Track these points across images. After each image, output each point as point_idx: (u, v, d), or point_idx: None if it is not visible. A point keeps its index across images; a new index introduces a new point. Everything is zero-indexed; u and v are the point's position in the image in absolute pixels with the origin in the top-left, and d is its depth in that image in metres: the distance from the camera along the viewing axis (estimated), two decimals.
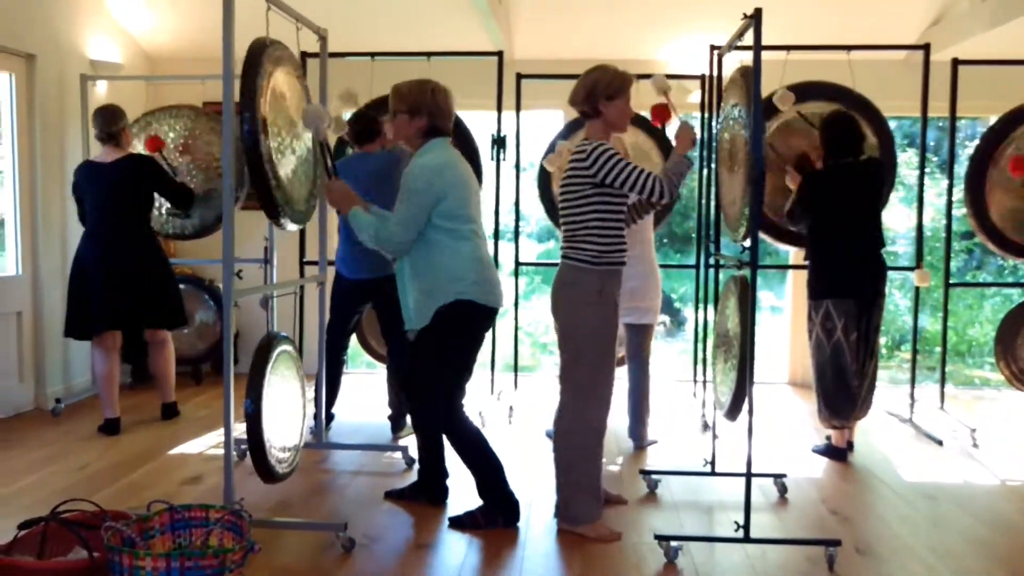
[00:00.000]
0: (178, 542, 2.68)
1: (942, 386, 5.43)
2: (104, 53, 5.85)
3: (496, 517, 3.42)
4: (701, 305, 5.34)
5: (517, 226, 5.60)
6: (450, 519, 3.46)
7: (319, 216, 4.20)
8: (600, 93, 3.24)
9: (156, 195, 4.82)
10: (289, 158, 3.50)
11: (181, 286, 6.07)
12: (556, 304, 3.37)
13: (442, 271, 3.29)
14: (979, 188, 5.21)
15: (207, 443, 4.60)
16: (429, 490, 3.69)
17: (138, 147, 5.18)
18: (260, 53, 3.27)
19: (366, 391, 5.94)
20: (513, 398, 5.52)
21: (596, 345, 3.30)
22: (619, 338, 3.52)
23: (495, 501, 3.44)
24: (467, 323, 3.35)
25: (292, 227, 3.63)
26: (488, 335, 5.42)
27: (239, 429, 3.73)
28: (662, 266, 4.81)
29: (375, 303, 4.59)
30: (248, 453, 3.37)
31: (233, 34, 2.99)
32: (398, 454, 4.33)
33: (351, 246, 4.43)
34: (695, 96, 5.92)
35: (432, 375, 3.42)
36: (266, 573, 2.95)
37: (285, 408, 3.58)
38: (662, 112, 3.79)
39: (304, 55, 5.20)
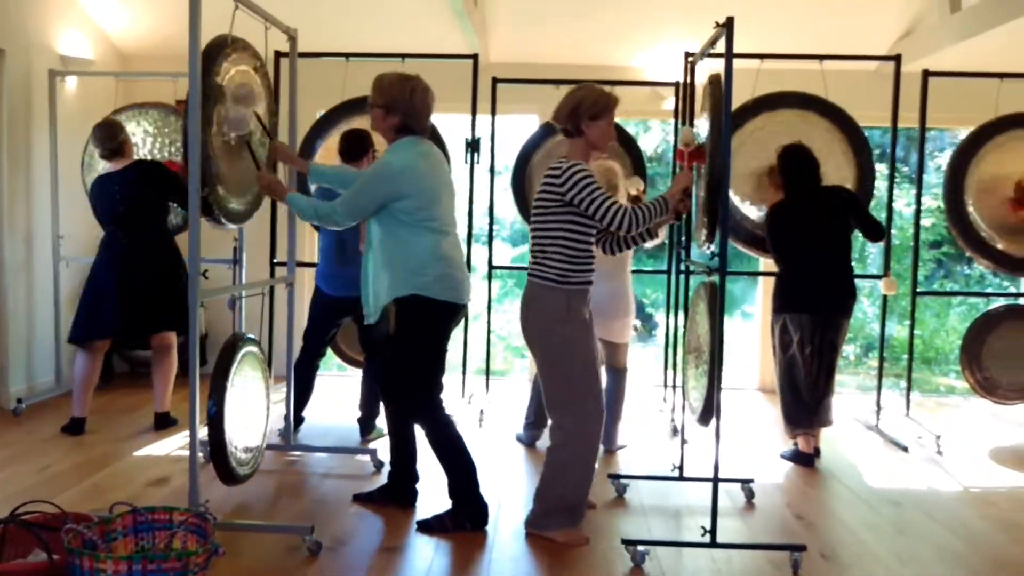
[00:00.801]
0: (141, 545, 2.64)
1: (908, 393, 5.49)
2: (74, 48, 5.78)
3: (464, 521, 3.41)
4: (672, 311, 5.37)
5: (491, 229, 5.61)
6: (418, 523, 3.44)
7: (288, 218, 4.18)
8: (584, 113, 3.23)
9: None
10: (231, 158, 3.50)
11: None
12: (526, 324, 3.34)
13: (402, 264, 3.31)
14: (959, 198, 5.28)
15: (174, 444, 4.55)
16: (398, 493, 3.68)
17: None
18: (217, 53, 3.26)
19: (336, 394, 5.90)
20: (484, 401, 5.51)
21: (574, 359, 3.27)
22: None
23: (465, 504, 3.43)
24: (428, 319, 3.35)
25: (231, 226, 3.64)
26: (460, 338, 5.45)
27: (206, 430, 3.69)
28: (636, 271, 4.82)
29: (354, 317, 4.60)
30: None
31: (200, 32, 2.98)
32: (367, 457, 4.30)
33: (332, 264, 4.43)
34: (669, 103, 5.96)
35: (402, 373, 3.42)
36: (232, 575, 2.92)
37: (248, 410, 3.55)
38: (696, 156, 3.72)
39: (277, 55, 5.19)
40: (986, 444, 5.05)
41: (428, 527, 3.40)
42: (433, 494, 3.75)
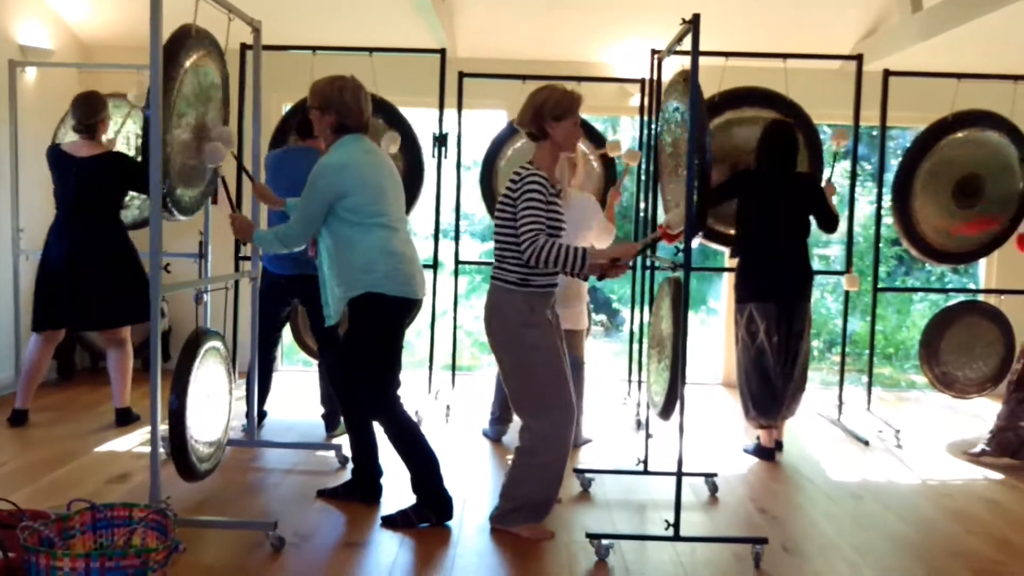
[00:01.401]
0: (99, 542, 2.61)
1: (869, 388, 5.58)
2: (34, 39, 5.68)
3: (428, 515, 3.41)
4: (638, 306, 5.40)
5: (457, 224, 5.60)
6: (383, 518, 3.43)
7: (252, 212, 4.14)
8: (547, 114, 3.18)
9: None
10: (185, 150, 3.48)
11: None
12: (490, 328, 3.31)
13: (351, 264, 3.32)
14: (907, 198, 5.36)
15: (135, 440, 4.49)
16: (363, 489, 3.67)
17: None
18: (181, 44, 3.23)
19: (300, 389, 5.87)
20: (451, 397, 5.51)
21: (541, 361, 3.24)
22: None
23: (428, 498, 3.43)
24: (380, 315, 3.35)
25: (181, 218, 3.63)
26: (426, 334, 5.44)
27: (166, 427, 3.65)
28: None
29: (301, 300, 4.57)
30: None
31: (161, 24, 2.95)
32: (331, 453, 4.28)
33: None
34: (636, 100, 5.99)
35: (357, 369, 3.41)
36: (193, 573, 2.90)
37: (210, 405, 3.53)
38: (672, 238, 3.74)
39: (243, 47, 5.13)
40: (944, 437, 5.14)
41: (393, 522, 3.40)
42: (398, 489, 3.75)
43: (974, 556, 3.32)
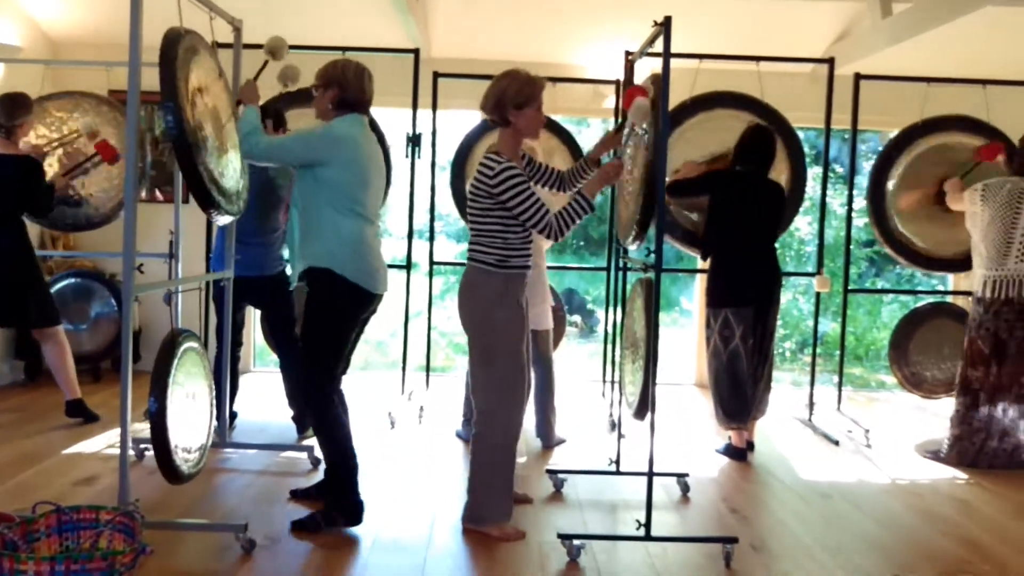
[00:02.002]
0: (65, 545, 2.58)
1: (839, 389, 5.63)
2: (2, 35, 5.60)
3: (337, 518, 3.34)
4: (611, 307, 5.42)
5: (432, 224, 5.59)
6: (292, 523, 3.35)
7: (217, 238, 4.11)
8: (509, 102, 3.21)
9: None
10: (214, 150, 3.42)
11: (80, 280, 5.91)
12: (462, 307, 3.36)
13: (322, 239, 3.28)
14: (881, 199, 5.41)
15: (104, 442, 4.44)
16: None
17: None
18: (176, 42, 3.18)
19: (272, 390, 5.82)
20: (424, 398, 5.50)
21: (506, 345, 3.30)
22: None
23: (340, 500, 3.36)
24: (336, 296, 3.29)
25: (226, 219, 3.59)
26: (400, 334, 5.43)
27: (136, 428, 3.62)
28: (577, 268, 4.85)
29: (254, 303, 4.55)
30: (145, 453, 3.27)
31: (141, 21, 2.92)
32: (303, 454, 4.25)
33: (226, 244, 4.37)
34: (610, 101, 6.01)
35: (314, 353, 3.35)
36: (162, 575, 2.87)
37: (191, 406, 3.48)
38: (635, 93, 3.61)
39: (218, 46, 5.08)
40: (913, 437, 5.19)
41: (302, 526, 3.33)
42: (370, 493, 3.74)
43: (942, 556, 3.36)
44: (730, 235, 4.50)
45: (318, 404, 3.35)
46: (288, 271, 4.50)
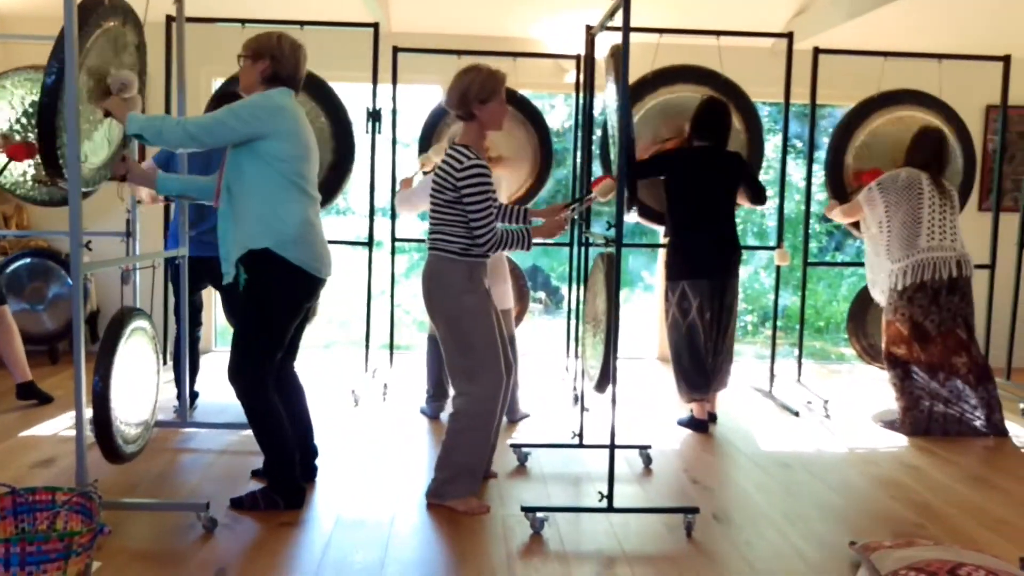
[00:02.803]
0: (21, 527, 2.54)
1: (799, 361, 5.71)
2: None
3: (276, 500, 3.31)
4: (575, 283, 5.43)
5: (394, 201, 5.54)
6: (231, 500, 3.33)
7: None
8: (473, 97, 3.22)
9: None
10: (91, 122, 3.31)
11: (35, 260, 5.79)
12: (428, 296, 3.36)
13: (263, 216, 3.12)
14: (839, 173, 5.46)
15: (62, 424, 4.38)
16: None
17: None
18: (91, 12, 3.08)
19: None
20: (388, 376, 5.48)
21: (478, 328, 3.31)
22: None
23: (279, 483, 3.33)
24: (276, 279, 3.17)
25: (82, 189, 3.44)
26: (362, 312, 5.40)
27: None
28: (541, 244, 4.85)
29: (213, 283, 4.50)
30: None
31: None
32: None
33: (180, 221, 4.31)
34: (571, 76, 5.99)
35: (249, 339, 3.25)
36: (123, 556, 2.84)
37: (137, 386, 3.45)
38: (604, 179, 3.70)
39: (169, 19, 4.99)
40: (871, 407, 5.29)
41: (240, 504, 3.30)
42: (333, 471, 3.74)
43: (896, 520, 3.43)
44: (687, 210, 4.54)
45: (249, 393, 3.26)
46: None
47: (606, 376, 3.56)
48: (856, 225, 5.38)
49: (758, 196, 4.65)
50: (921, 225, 4.57)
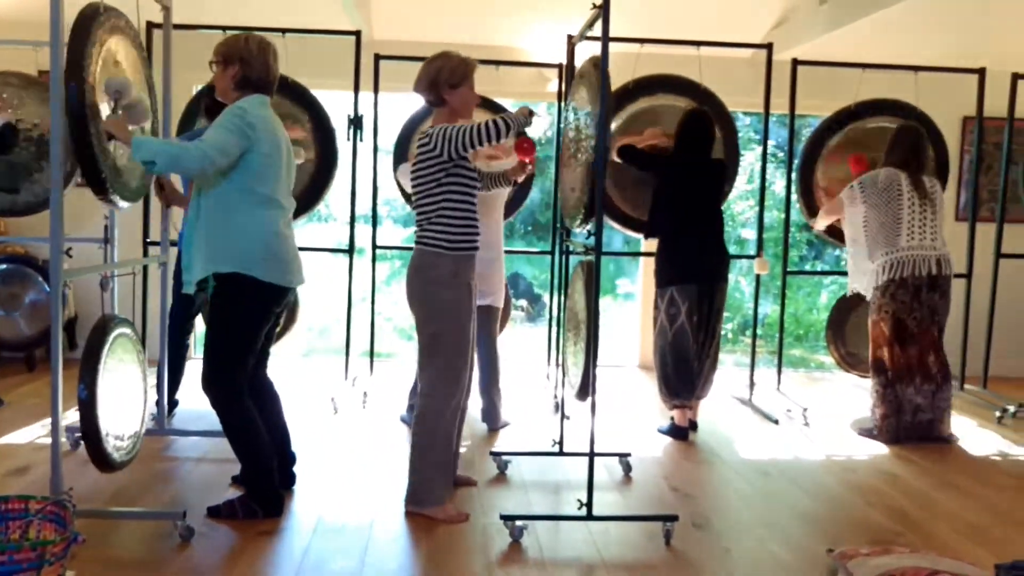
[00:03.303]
0: None
1: (779, 369, 5.75)
2: None
3: (255, 508, 3.29)
4: (556, 291, 5.44)
5: (375, 208, 5.54)
6: (208, 508, 3.30)
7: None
8: (443, 82, 3.25)
9: None
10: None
11: (12, 266, 5.74)
12: (411, 289, 3.37)
13: (228, 235, 3.12)
14: (809, 181, 5.51)
15: (37, 432, 4.34)
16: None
17: None
18: (90, 20, 3.09)
19: None
20: (368, 384, 5.47)
21: (452, 328, 3.31)
22: None
23: (257, 492, 3.31)
24: (247, 298, 3.17)
25: (123, 205, 3.46)
26: (343, 319, 5.38)
27: (70, 417, 3.54)
28: (523, 252, 4.86)
29: None
30: (80, 442, 3.20)
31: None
32: None
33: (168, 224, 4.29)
34: (554, 85, 6.01)
35: (222, 355, 3.24)
36: (98, 565, 2.81)
37: (123, 393, 3.42)
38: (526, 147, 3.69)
39: (150, 26, 4.97)
40: (849, 415, 5.32)
41: (218, 513, 3.28)
42: (312, 478, 3.72)
43: (873, 527, 3.46)
44: (674, 216, 4.56)
45: (224, 403, 3.26)
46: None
47: (587, 384, 3.57)
48: (833, 234, 5.44)
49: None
50: (901, 225, 4.61)
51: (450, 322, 3.31)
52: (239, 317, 3.21)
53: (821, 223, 5.17)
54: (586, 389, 3.62)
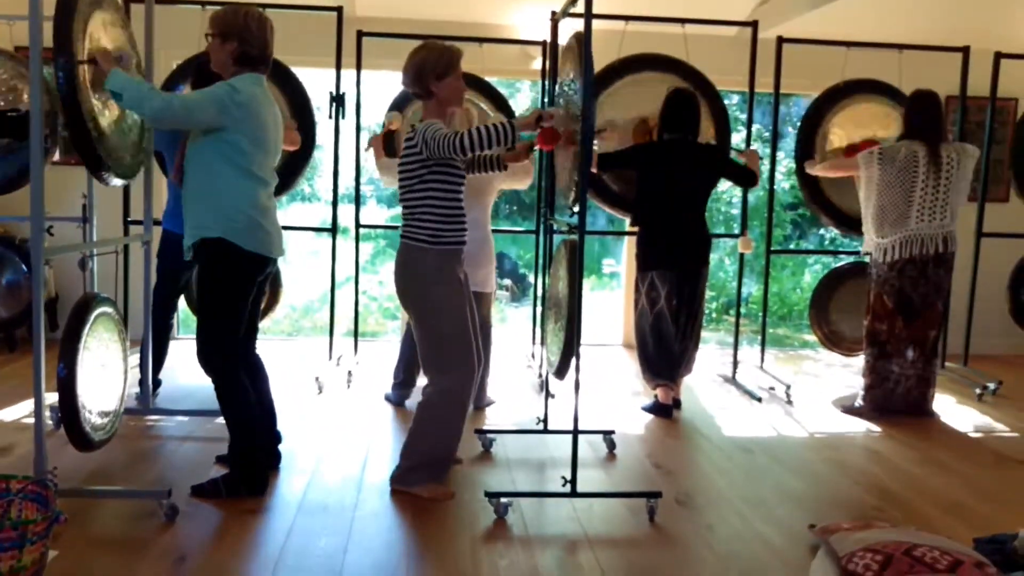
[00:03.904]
0: None
1: (763, 347, 5.78)
2: None
3: (239, 487, 3.30)
4: (541, 270, 5.44)
5: (358, 187, 5.50)
6: (192, 487, 3.31)
7: (144, 173, 3.98)
8: (429, 73, 3.22)
9: None
10: (111, 107, 3.29)
11: None
12: (400, 286, 3.35)
13: (214, 204, 3.17)
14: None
15: (20, 412, 4.31)
16: (261, 455, 3.56)
17: None
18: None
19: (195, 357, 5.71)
20: (352, 363, 5.46)
21: (449, 321, 3.29)
22: None
23: (242, 469, 3.32)
24: (231, 265, 3.22)
25: (117, 182, 3.43)
26: (327, 299, 5.36)
27: (53, 396, 3.52)
28: (508, 231, 4.85)
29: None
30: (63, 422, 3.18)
31: None
32: None
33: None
34: (538, 62, 5.98)
35: (212, 321, 3.29)
36: (81, 544, 2.81)
37: (104, 373, 3.40)
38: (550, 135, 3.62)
39: (128, 1, 4.90)
40: (832, 393, 5.36)
41: (203, 492, 3.28)
42: (297, 457, 3.72)
43: (855, 504, 3.49)
44: (657, 202, 4.56)
45: (221, 372, 3.30)
46: None
47: (567, 363, 3.58)
48: (823, 209, 5.45)
49: (747, 180, 4.66)
50: (912, 207, 4.60)
51: (446, 317, 3.28)
52: (226, 283, 3.25)
53: (825, 172, 5.06)
54: (565, 367, 3.62)
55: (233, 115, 3.10)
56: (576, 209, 3.27)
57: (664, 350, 4.60)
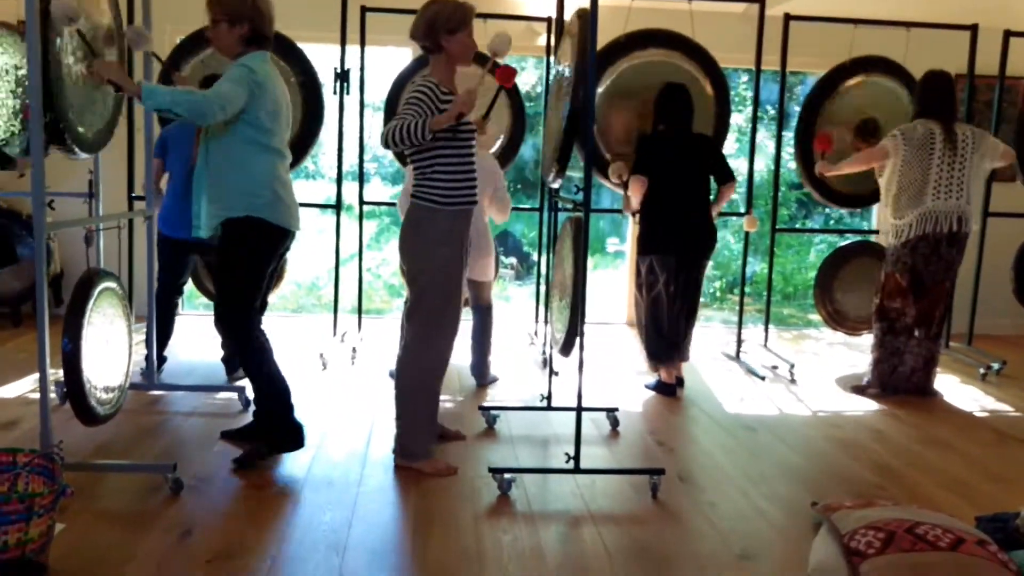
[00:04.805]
0: None
1: (766, 326, 5.77)
2: None
3: (280, 444, 3.38)
4: (545, 248, 5.43)
5: (361, 163, 5.49)
6: (233, 461, 3.35)
7: (146, 149, 3.98)
8: (441, 27, 3.18)
9: None
10: (80, 83, 3.24)
11: None
12: (404, 243, 3.36)
13: (237, 184, 3.20)
14: (808, 141, 5.48)
15: (26, 386, 4.33)
16: (286, 435, 3.45)
17: None
18: None
19: (201, 332, 5.73)
20: (357, 340, 5.47)
21: (442, 284, 3.31)
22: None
23: (278, 428, 3.38)
24: (257, 240, 3.26)
25: (82, 156, 3.39)
26: (331, 276, 5.36)
27: (58, 371, 3.53)
28: (513, 209, 4.83)
29: (203, 256, 4.47)
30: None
31: None
32: (234, 394, 4.22)
33: (179, 201, 4.25)
34: (543, 39, 5.94)
35: (224, 291, 3.32)
36: (88, 517, 2.83)
37: (108, 347, 3.41)
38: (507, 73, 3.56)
39: None
40: (836, 372, 5.37)
41: (244, 463, 3.34)
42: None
43: (857, 481, 3.50)
44: (656, 189, 4.55)
45: (243, 339, 3.34)
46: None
47: (572, 340, 3.58)
48: (825, 194, 5.43)
49: (725, 176, 4.66)
50: (928, 184, 4.57)
51: (440, 277, 3.30)
52: (249, 258, 3.28)
53: (850, 168, 4.95)
54: (570, 345, 3.62)
55: (255, 94, 3.13)
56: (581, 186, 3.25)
57: (661, 334, 4.62)
